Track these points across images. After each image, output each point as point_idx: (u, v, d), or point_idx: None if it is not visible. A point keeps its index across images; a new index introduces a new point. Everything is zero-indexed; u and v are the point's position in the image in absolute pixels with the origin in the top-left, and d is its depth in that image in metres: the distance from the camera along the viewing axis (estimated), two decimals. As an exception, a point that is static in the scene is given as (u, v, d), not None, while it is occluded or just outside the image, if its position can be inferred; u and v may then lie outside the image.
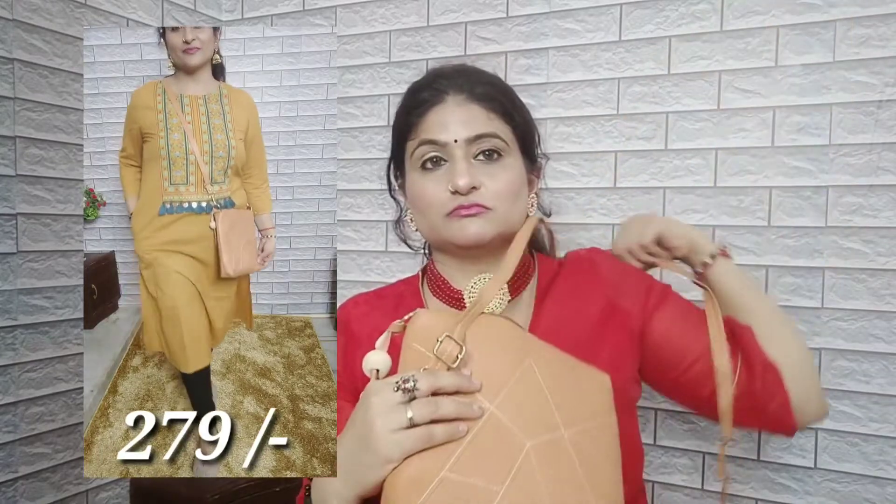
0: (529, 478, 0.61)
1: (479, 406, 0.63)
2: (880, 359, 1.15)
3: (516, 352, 0.69)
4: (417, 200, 0.82)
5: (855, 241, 1.16)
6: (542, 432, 0.64)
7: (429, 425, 0.61)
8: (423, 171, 0.81)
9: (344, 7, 1.56)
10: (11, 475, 1.27)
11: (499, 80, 0.86)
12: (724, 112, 1.24)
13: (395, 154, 0.88)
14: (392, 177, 0.91)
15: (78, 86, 1.37)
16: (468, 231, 0.78)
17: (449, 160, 0.79)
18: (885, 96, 1.13)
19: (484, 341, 0.68)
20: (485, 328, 0.70)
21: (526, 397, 0.65)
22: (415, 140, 0.81)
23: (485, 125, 0.79)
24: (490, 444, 0.62)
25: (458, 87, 0.81)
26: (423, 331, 0.68)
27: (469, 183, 0.76)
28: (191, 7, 1.62)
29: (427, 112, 0.81)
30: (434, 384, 0.63)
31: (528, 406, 0.65)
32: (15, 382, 1.27)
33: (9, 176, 1.26)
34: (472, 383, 0.64)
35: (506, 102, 0.82)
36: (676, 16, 1.26)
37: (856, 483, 1.17)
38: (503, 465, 0.61)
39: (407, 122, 0.83)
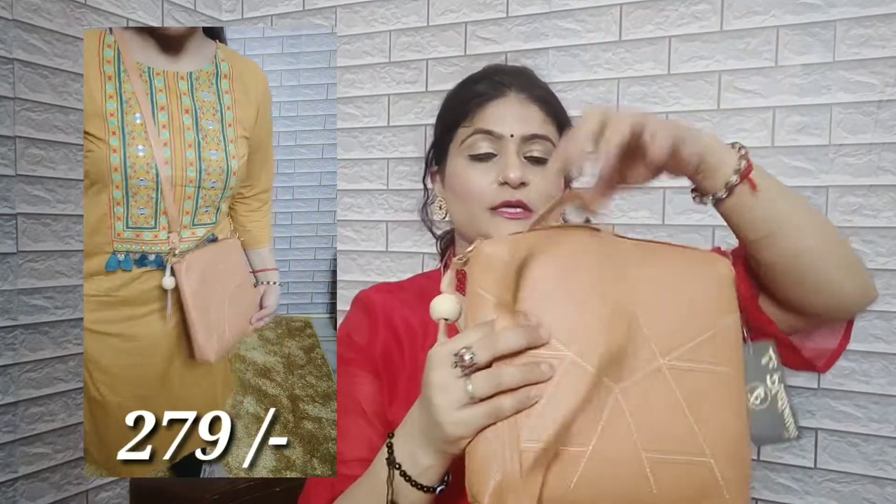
0: (620, 429, 0.54)
1: (549, 364, 0.55)
2: (880, 359, 1.15)
3: (602, 273, 0.58)
4: (460, 188, 0.82)
5: (855, 241, 1.16)
6: (633, 369, 0.55)
7: (495, 398, 0.55)
8: (470, 160, 0.81)
9: (344, 7, 1.56)
10: (11, 475, 1.27)
11: (552, 90, 0.88)
12: (724, 112, 1.24)
13: (439, 140, 0.89)
14: (429, 161, 0.92)
15: (78, 86, 1.37)
16: (508, 233, 0.78)
17: (500, 154, 0.80)
18: (885, 96, 1.13)
19: (567, 267, 0.58)
20: (570, 247, 0.59)
21: (611, 332, 0.56)
22: (469, 128, 0.82)
23: (541, 127, 0.80)
24: (571, 399, 0.54)
25: (520, 86, 0.82)
26: (489, 266, 0.59)
27: (520, 177, 0.77)
28: (191, 7, 1.62)
29: (486, 103, 0.81)
30: (494, 352, 0.56)
31: (615, 341, 0.56)
32: (15, 382, 1.27)
33: (9, 176, 1.26)
34: (538, 336, 0.56)
35: (559, 111, 0.84)
36: (676, 16, 1.26)
37: (856, 483, 1.17)
38: (589, 422, 0.54)
39: (464, 110, 0.83)
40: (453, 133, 0.84)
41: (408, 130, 1.53)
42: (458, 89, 0.87)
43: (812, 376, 1.19)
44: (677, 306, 0.58)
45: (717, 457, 0.55)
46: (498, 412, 0.55)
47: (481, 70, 0.88)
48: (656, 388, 0.55)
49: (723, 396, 0.57)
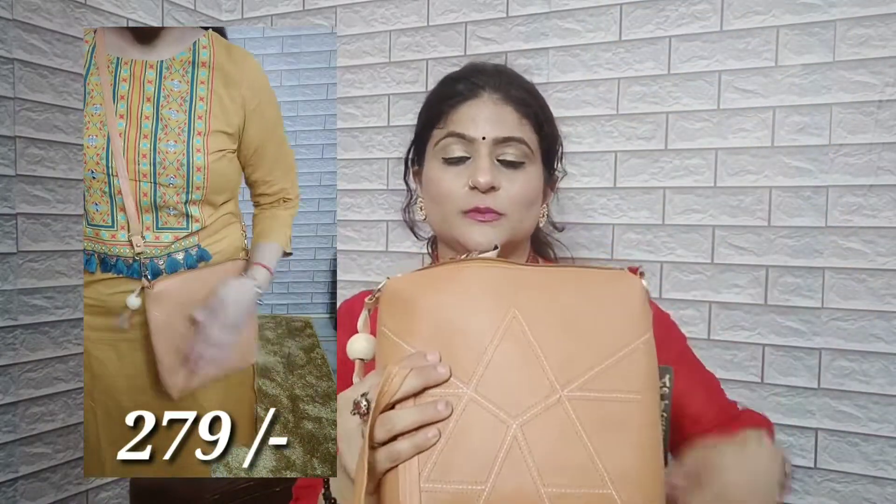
0: (519, 464, 0.54)
1: (445, 403, 0.54)
2: (880, 359, 1.15)
3: (498, 304, 0.57)
4: (433, 190, 0.81)
5: (855, 241, 1.16)
6: (531, 405, 0.54)
7: (392, 442, 0.55)
8: (444, 162, 0.80)
9: (344, 7, 1.56)
10: (11, 475, 1.27)
11: (534, 88, 0.85)
12: (724, 112, 1.24)
13: (417, 139, 0.88)
14: (409, 161, 0.91)
15: (78, 86, 1.37)
16: (478, 237, 0.77)
17: (472, 157, 0.78)
18: (885, 96, 1.13)
19: (463, 301, 0.57)
20: (465, 282, 0.58)
21: (510, 364, 0.55)
22: (442, 129, 0.80)
23: (515, 128, 0.79)
24: (470, 436, 0.54)
25: (496, 86, 0.80)
26: (391, 303, 0.58)
27: (490, 182, 0.76)
28: (191, 7, 1.62)
29: (460, 104, 0.80)
30: (389, 397, 0.55)
31: (513, 375, 0.55)
32: (15, 382, 1.27)
33: (9, 176, 1.26)
34: (437, 375, 0.54)
35: (539, 111, 0.82)
36: (676, 16, 1.26)
37: (856, 483, 1.17)
38: (489, 458, 0.54)
39: (438, 111, 0.82)
40: (429, 133, 0.83)
41: (408, 130, 1.52)
42: (437, 88, 0.85)
43: (812, 376, 1.19)
44: (578, 334, 0.56)
45: (621, 487, 0.53)
46: (395, 456, 0.54)
47: (461, 69, 0.86)
48: (555, 420, 0.54)
49: (629, 424, 0.55)
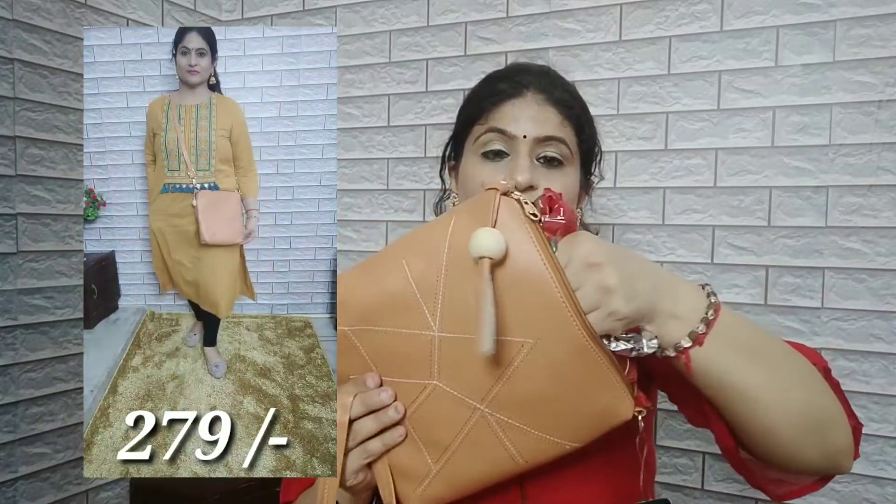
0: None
1: (395, 410, 0.62)
2: (880, 359, 1.15)
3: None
4: (470, 186, 0.81)
5: (855, 241, 1.16)
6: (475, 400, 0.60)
7: (365, 442, 0.64)
8: (483, 158, 0.80)
9: (344, 7, 1.56)
10: (11, 475, 1.27)
11: (577, 91, 0.85)
12: (724, 112, 1.24)
13: (456, 135, 0.88)
14: (446, 156, 0.91)
15: (78, 86, 1.37)
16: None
17: (511, 154, 0.78)
18: (885, 96, 1.13)
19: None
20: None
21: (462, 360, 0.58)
22: (483, 126, 0.80)
23: (557, 129, 0.78)
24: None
25: (540, 87, 0.80)
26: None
27: (528, 180, 0.75)
28: (191, 7, 1.62)
29: (503, 102, 0.80)
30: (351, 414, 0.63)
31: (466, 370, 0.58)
32: (15, 382, 1.27)
33: (9, 176, 1.26)
34: (378, 401, 0.62)
35: (580, 113, 0.82)
36: (676, 16, 1.26)
37: (856, 483, 1.17)
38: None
39: (480, 107, 0.82)
40: (469, 130, 0.83)
41: (408, 130, 1.53)
42: (480, 86, 0.85)
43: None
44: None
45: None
46: (369, 455, 0.64)
47: (505, 68, 0.87)
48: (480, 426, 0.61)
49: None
